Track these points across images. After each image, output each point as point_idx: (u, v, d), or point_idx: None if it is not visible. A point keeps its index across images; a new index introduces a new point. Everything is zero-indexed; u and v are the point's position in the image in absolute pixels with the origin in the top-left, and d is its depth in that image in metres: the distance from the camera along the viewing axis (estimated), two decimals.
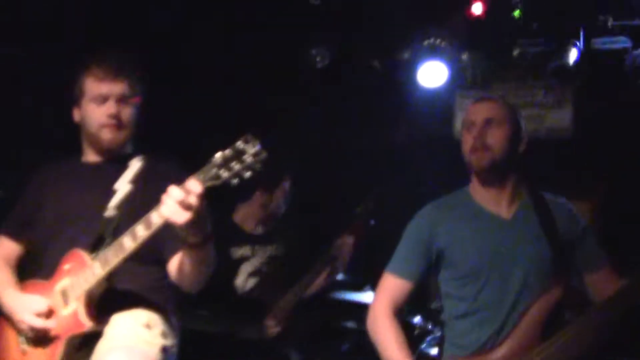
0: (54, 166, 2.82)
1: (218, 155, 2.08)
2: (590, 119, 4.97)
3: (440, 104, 5.24)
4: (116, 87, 2.62)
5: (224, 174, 2.06)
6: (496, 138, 2.55)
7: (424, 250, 2.63)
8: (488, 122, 2.56)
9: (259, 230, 3.85)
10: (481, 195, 2.63)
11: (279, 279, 3.79)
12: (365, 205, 3.86)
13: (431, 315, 4.05)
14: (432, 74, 4.86)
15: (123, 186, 2.60)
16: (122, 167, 2.66)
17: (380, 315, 2.63)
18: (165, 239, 2.47)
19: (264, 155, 2.06)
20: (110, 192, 2.59)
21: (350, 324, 4.79)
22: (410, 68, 4.91)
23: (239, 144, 2.07)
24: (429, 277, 2.71)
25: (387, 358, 2.58)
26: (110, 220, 2.50)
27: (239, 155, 2.05)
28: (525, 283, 2.49)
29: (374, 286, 4.60)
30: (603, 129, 4.89)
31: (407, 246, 2.67)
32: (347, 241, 3.72)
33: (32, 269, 2.70)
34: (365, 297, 4.67)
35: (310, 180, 5.53)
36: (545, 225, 2.54)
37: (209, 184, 2.09)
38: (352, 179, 5.76)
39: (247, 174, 2.06)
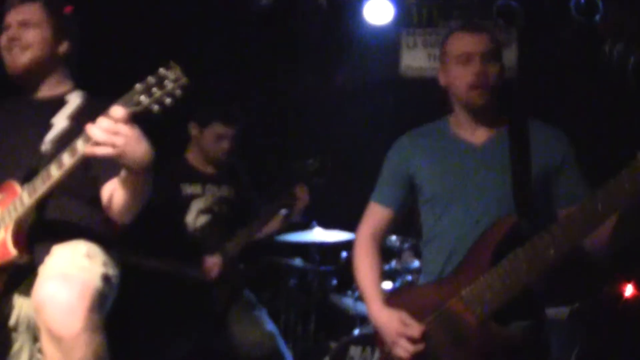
0: None
1: (141, 82, 2.10)
2: (534, 59, 5.00)
3: (386, 43, 5.22)
4: (20, 14, 2.62)
5: (145, 99, 2.08)
6: (496, 75, 2.47)
7: (399, 178, 2.65)
8: (484, 57, 2.46)
9: (210, 170, 3.82)
10: (459, 123, 2.58)
11: (228, 220, 3.78)
12: (317, 161, 3.86)
13: None
14: (378, 12, 4.83)
15: (60, 121, 2.56)
16: (60, 103, 2.63)
17: (359, 243, 2.69)
18: (98, 168, 2.45)
19: (184, 81, 2.07)
20: (48, 127, 2.54)
21: (297, 262, 4.84)
22: (356, 5, 4.86)
23: (161, 71, 2.08)
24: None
25: (361, 290, 2.67)
26: (45, 154, 2.45)
27: (160, 81, 2.07)
28: (484, 212, 2.45)
29: (320, 224, 4.68)
30: (546, 69, 4.93)
31: (384, 175, 2.71)
32: (304, 190, 3.73)
33: None
34: (311, 235, 4.70)
35: (257, 125, 5.53)
36: (514, 153, 2.46)
37: (131, 109, 2.10)
38: (298, 123, 5.77)
39: (168, 100, 2.08)
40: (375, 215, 2.71)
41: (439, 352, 2.39)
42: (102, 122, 2.11)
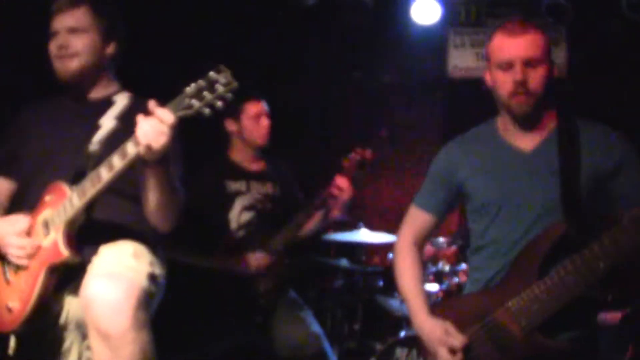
0: (38, 104, 2.80)
1: (191, 85, 2.10)
2: (584, 57, 4.90)
3: (433, 42, 5.18)
4: (67, 19, 2.62)
5: (196, 103, 2.08)
6: (538, 81, 2.33)
7: (444, 185, 2.59)
8: (528, 63, 2.33)
9: (254, 167, 3.82)
10: (506, 127, 2.48)
11: (272, 217, 3.77)
12: (357, 152, 3.81)
13: None
14: (426, 11, 4.78)
15: (108, 122, 2.58)
16: (108, 104, 2.65)
17: (401, 248, 2.66)
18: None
19: (235, 85, 2.08)
20: (95, 128, 2.57)
21: (344, 263, 4.83)
22: (403, 4, 4.82)
23: (211, 74, 2.09)
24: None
25: (403, 298, 2.63)
26: (93, 154, 2.48)
27: (210, 85, 2.07)
28: (534, 221, 2.36)
29: (366, 226, 4.66)
30: (597, 67, 4.83)
31: (429, 180, 2.65)
32: (342, 183, 3.68)
33: (18, 204, 2.68)
34: (357, 236, 4.68)
35: (301, 121, 5.53)
36: (564, 158, 2.36)
37: (182, 113, 2.11)
38: (344, 120, 5.76)
39: (219, 104, 2.08)
40: (417, 220, 2.66)
41: None
42: (151, 120, 2.14)
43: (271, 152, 3.89)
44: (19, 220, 2.48)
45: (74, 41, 2.61)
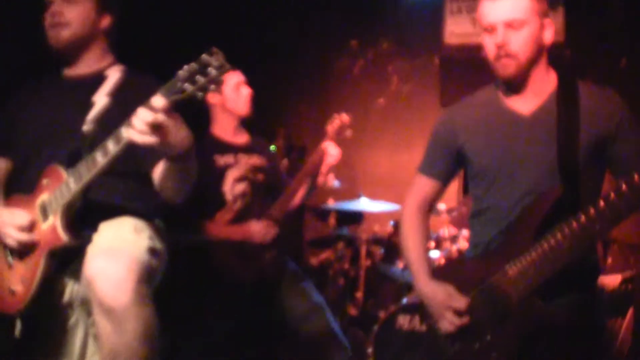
0: (31, 82, 2.77)
1: (183, 68, 2.05)
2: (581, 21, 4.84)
3: (430, 8, 5.13)
4: None
5: (189, 87, 2.04)
6: (520, 43, 2.32)
7: (446, 150, 2.58)
8: (509, 25, 2.32)
9: (239, 140, 3.79)
10: (505, 91, 2.46)
11: (265, 187, 3.76)
12: (336, 116, 3.79)
13: None
14: None
15: (100, 99, 2.55)
16: (100, 78, 2.62)
17: (407, 215, 2.67)
18: (144, 150, 2.42)
19: (228, 68, 2.03)
20: (88, 106, 2.54)
21: (345, 232, 4.83)
22: None
23: (204, 57, 2.04)
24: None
25: (408, 262, 2.65)
26: (87, 134, 2.46)
27: (203, 68, 2.03)
28: (532, 185, 2.35)
29: (366, 195, 4.66)
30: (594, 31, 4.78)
31: (431, 146, 2.65)
32: (328, 146, 3.67)
33: (17, 183, 2.68)
34: (357, 205, 4.68)
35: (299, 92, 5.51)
36: (563, 123, 2.34)
37: (174, 97, 2.06)
38: (341, 89, 5.73)
39: (212, 87, 2.04)
40: (423, 187, 2.66)
41: (481, 327, 2.35)
42: (143, 113, 2.08)
43: (259, 128, 3.86)
44: (20, 215, 2.46)
45: (67, 10, 2.60)
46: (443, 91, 5.47)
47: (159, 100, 2.07)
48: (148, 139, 2.10)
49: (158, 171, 2.47)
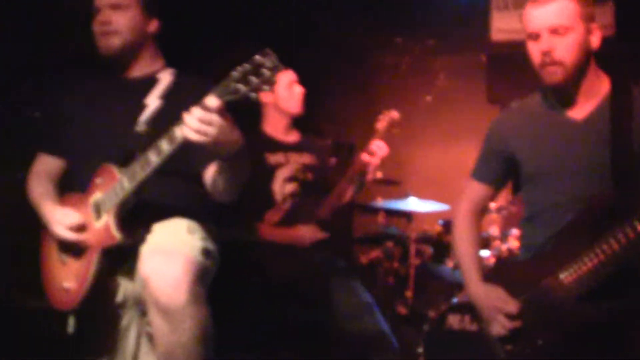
0: (85, 81, 2.80)
1: (237, 69, 2.06)
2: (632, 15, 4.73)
3: (477, 4, 5.08)
4: None
5: (242, 88, 2.05)
6: (565, 49, 2.27)
7: (499, 156, 2.57)
8: (554, 32, 2.27)
9: (290, 138, 3.79)
10: (555, 97, 2.42)
11: (315, 186, 3.75)
12: (384, 113, 3.76)
13: None
14: None
15: (153, 101, 2.58)
16: (152, 82, 2.65)
17: (460, 217, 2.67)
18: (196, 150, 2.44)
19: (281, 68, 2.04)
20: (141, 107, 2.57)
21: (393, 230, 4.81)
22: None
23: (257, 58, 2.04)
24: None
25: (460, 265, 2.66)
26: (140, 135, 2.48)
27: (256, 69, 2.03)
28: (585, 189, 2.30)
29: (414, 194, 4.63)
30: None
31: (484, 153, 2.64)
32: (377, 144, 3.64)
33: (71, 181, 2.72)
34: (406, 204, 4.64)
35: (344, 89, 5.50)
36: (616, 127, 2.28)
37: (228, 98, 2.08)
38: (387, 87, 5.71)
39: (266, 88, 2.04)
40: (475, 192, 2.66)
41: (533, 331, 2.31)
42: (197, 112, 2.10)
43: (309, 125, 3.84)
44: (71, 216, 2.49)
45: (115, 18, 2.61)
46: (490, 88, 5.42)
47: (212, 100, 2.09)
48: (201, 137, 2.12)
49: (210, 172, 2.48)
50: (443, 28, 5.52)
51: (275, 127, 3.74)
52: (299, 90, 3.70)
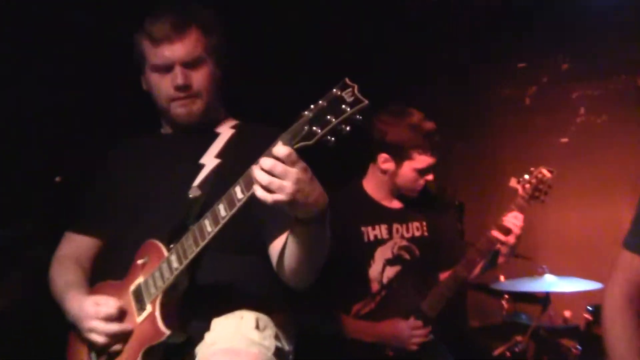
0: (129, 143, 2.91)
1: (309, 108, 2.08)
2: None
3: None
4: (180, 49, 2.67)
5: (318, 130, 2.05)
6: None
7: None
8: None
9: (396, 204, 3.81)
10: None
11: (423, 267, 3.75)
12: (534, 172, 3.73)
13: None
14: None
15: (210, 161, 2.65)
16: (210, 137, 2.73)
17: (612, 307, 2.62)
18: (264, 218, 2.49)
19: (365, 103, 2.02)
20: (196, 168, 2.64)
21: (524, 319, 4.73)
22: None
23: (335, 92, 2.05)
24: None
25: None
26: (193, 202, 2.52)
27: (334, 105, 2.04)
28: None
29: (551, 270, 4.56)
30: None
31: None
32: (514, 220, 3.61)
33: (108, 267, 2.78)
34: (540, 284, 4.58)
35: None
36: None
37: (300, 145, 2.08)
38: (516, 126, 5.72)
39: (347, 128, 2.04)
40: (632, 268, 2.60)
41: None
42: (266, 162, 2.09)
43: None
44: (106, 303, 2.52)
45: (194, 78, 2.70)
46: None
47: (282, 150, 2.08)
48: (274, 196, 2.10)
49: (278, 245, 2.49)
50: (581, 46, 5.51)
51: (380, 189, 3.79)
52: (429, 178, 3.75)
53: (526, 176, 3.68)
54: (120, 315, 2.51)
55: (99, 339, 2.51)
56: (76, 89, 3.84)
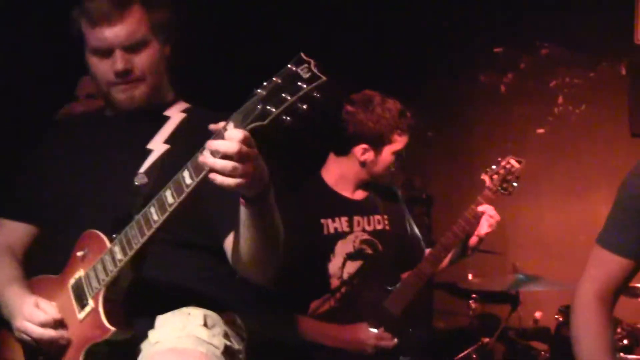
0: (68, 122, 2.93)
1: (263, 85, 2.06)
2: None
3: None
4: (120, 32, 2.60)
5: (272, 109, 2.04)
6: None
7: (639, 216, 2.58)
8: None
9: (357, 195, 3.84)
10: None
11: (385, 262, 3.78)
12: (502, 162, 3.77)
13: None
14: None
15: (158, 146, 2.64)
16: (158, 121, 2.71)
17: (582, 305, 2.65)
18: (216, 211, 2.50)
19: (323, 79, 2.02)
20: (143, 154, 2.63)
21: (492, 320, 4.80)
22: None
23: (289, 68, 2.04)
24: None
25: None
26: (139, 190, 2.53)
27: (289, 82, 2.03)
28: None
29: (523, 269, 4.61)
30: None
31: (619, 211, 2.64)
32: (484, 211, 3.65)
33: (44, 259, 2.77)
34: (511, 283, 4.63)
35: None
36: None
37: (253, 125, 2.07)
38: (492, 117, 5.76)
39: (304, 107, 2.02)
40: (605, 266, 2.64)
41: None
42: (224, 146, 2.06)
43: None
44: (46, 309, 2.51)
45: (136, 61, 2.64)
46: (633, 113, 5.37)
47: (236, 133, 2.07)
48: (234, 180, 2.08)
49: (232, 236, 2.48)
50: (561, 30, 5.56)
51: (341, 180, 3.81)
52: (399, 161, 3.79)
53: (494, 167, 3.72)
54: (58, 322, 2.50)
55: (30, 341, 2.51)
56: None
